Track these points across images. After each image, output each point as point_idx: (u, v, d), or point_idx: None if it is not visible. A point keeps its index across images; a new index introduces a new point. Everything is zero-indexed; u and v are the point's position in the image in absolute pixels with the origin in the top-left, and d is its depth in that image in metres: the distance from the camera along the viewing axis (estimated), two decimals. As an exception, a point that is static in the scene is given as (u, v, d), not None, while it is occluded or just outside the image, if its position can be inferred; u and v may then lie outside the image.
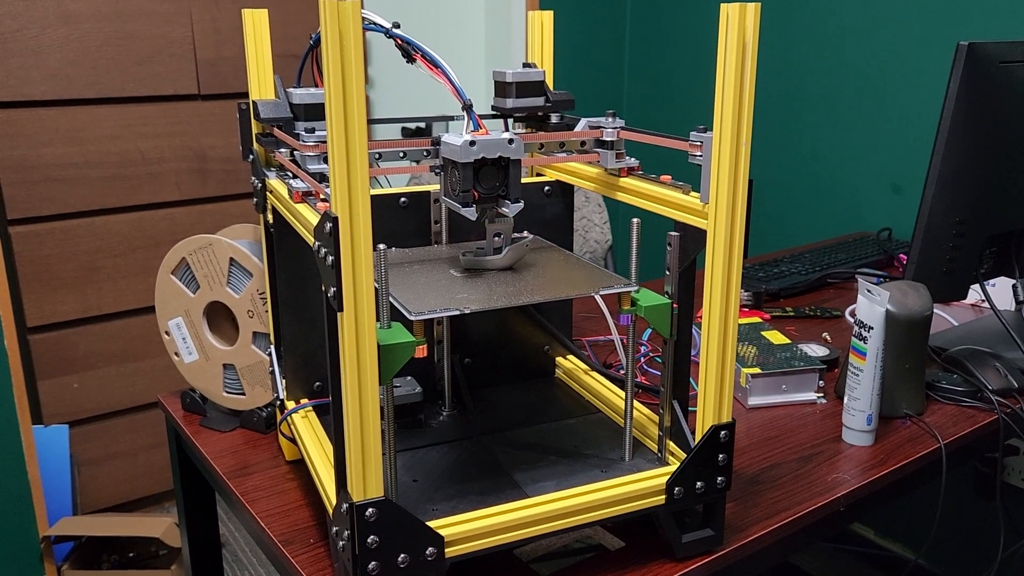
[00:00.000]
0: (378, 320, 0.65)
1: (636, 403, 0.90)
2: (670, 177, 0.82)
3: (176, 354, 1.11)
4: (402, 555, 0.68)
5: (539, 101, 0.95)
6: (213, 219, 2.24)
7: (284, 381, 0.97)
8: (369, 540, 0.67)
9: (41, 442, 2.04)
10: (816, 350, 1.28)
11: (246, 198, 2.29)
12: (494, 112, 0.96)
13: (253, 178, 0.95)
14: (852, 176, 2.27)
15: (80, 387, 2.13)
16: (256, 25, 0.92)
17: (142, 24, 2.04)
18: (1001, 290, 1.47)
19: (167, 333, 1.11)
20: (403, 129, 2.71)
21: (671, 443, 0.84)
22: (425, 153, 0.81)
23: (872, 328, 1.02)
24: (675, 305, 0.80)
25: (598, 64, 2.87)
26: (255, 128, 0.95)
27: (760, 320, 1.36)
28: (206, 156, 2.20)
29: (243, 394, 1.08)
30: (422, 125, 2.65)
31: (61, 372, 2.10)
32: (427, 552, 0.69)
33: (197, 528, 1.20)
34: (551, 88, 0.96)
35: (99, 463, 2.21)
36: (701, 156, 0.74)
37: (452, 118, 1.03)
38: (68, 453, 2.08)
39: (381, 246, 0.67)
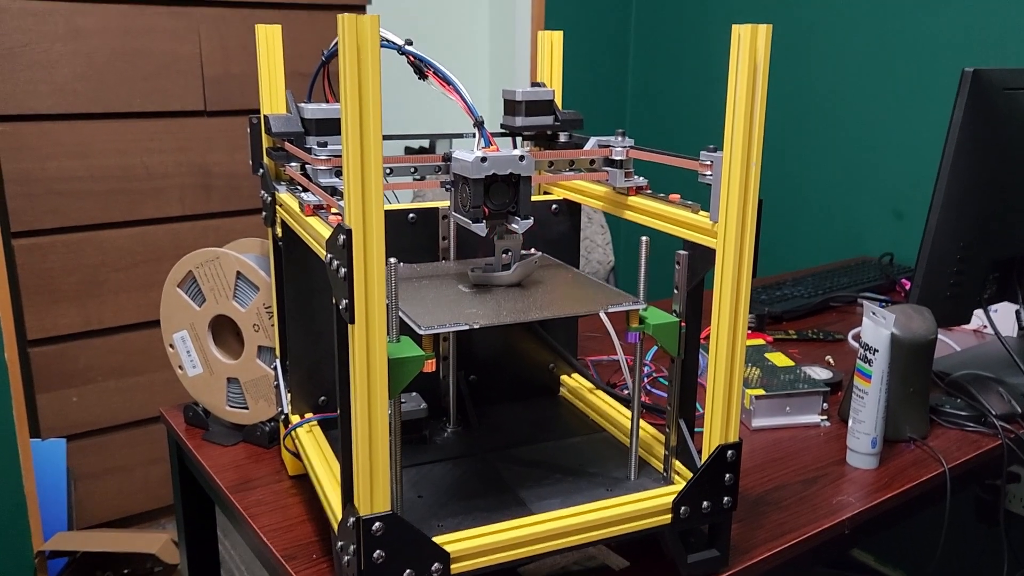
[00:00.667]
0: (387, 334, 0.65)
1: (641, 422, 0.89)
2: (679, 196, 0.82)
3: (180, 367, 1.11)
4: (408, 571, 0.68)
5: (548, 120, 0.95)
6: (216, 235, 2.25)
7: (289, 395, 0.97)
8: (375, 555, 0.66)
9: (38, 455, 2.02)
10: (819, 373, 1.27)
11: (249, 214, 2.30)
12: (503, 130, 0.97)
13: (263, 192, 0.95)
14: (854, 201, 2.28)
15: (79, 401, 2.13)
16: (269, 40, 0.92)
17: (150, 40, 2.06)
18: (1004, 315, 1.47)
19: (171, 346, 1.11)
20: (406, 148, 2.72)
21: (677, 462, 0.84)
22: (436, 169, 0.82)
23: (877, 351, 1.02)
24: (683, 324, 0.80)
25: (601, 83, 2.89)
26: (266, 142, 0.95)
27: (763, 342, 1.36)
28: (211, 172, 2.21)
29: (246, 408, 1.07)
30: (425, 144, 2.66)
31: (60, 385, 2.09)
32: (433, 568, 0.69)
33: (196, 544, 1.19)
34: (559, 107, 0.97)
35: (96, 478, 2.20)
36: (711, 175, 0.74)
37: (460, 135, 1.04)
38: (65, 467, 2.07)
39: (392, 260, 0.68)
